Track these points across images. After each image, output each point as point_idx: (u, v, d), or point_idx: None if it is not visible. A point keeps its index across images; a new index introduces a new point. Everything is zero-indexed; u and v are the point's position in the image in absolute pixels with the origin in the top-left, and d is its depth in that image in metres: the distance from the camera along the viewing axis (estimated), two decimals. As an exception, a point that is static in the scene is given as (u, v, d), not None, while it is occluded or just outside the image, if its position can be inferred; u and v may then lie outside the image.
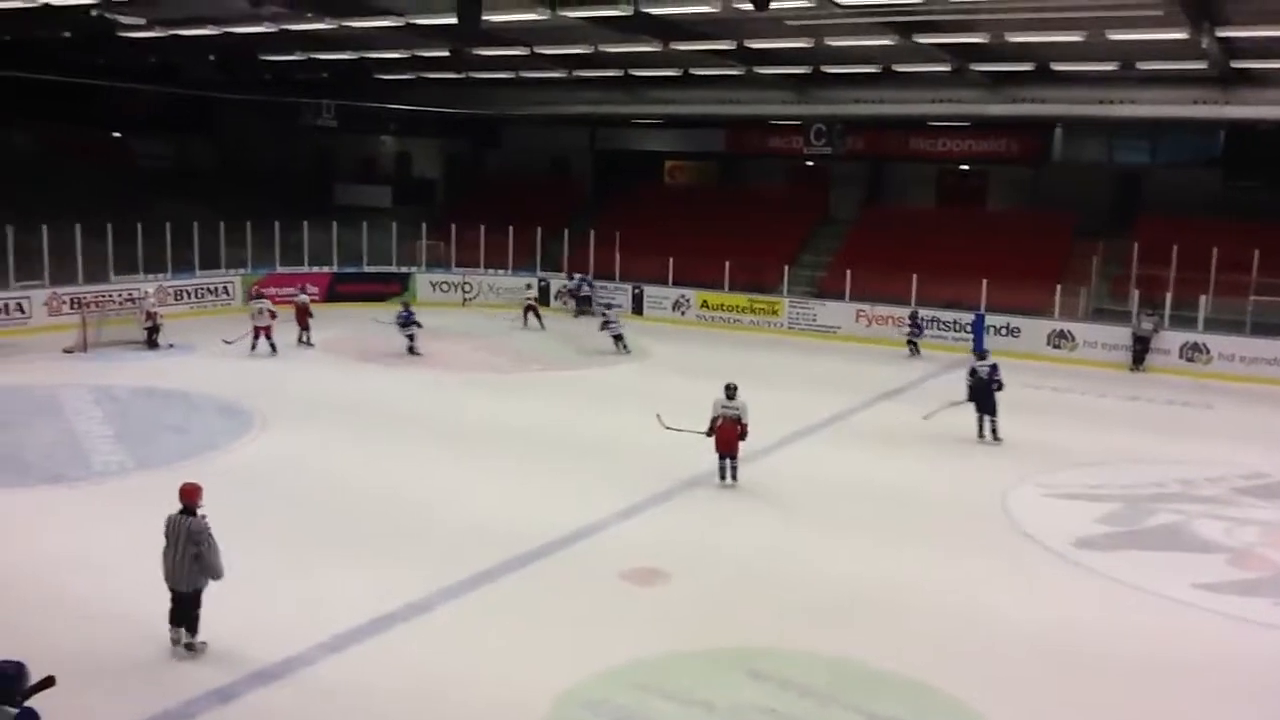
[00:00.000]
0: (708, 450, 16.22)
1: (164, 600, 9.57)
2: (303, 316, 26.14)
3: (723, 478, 15.71)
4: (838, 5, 19.97)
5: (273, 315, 24.85)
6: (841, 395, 22.27)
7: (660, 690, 9.34)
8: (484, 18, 19.87)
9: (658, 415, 17.10)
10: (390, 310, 27.18)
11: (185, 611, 9.57)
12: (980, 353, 19.92)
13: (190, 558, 9.38)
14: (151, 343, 24.91)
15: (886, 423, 20.46)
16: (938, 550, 13.24)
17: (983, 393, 18.70)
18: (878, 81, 29.80)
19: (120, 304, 27.14)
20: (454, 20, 19.83)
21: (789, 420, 19.69)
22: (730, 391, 15.63)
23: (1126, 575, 12.57)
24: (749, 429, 15.50)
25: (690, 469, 16.06)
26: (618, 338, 27.08)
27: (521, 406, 20.72)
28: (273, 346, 24.64)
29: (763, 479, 16.23)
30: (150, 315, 25.27)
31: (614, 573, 11.99)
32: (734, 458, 15.63)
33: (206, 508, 9.68)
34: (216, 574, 9.53)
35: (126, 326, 25.50)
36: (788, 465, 17.11)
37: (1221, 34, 20.94)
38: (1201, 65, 24.41)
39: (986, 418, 18.72)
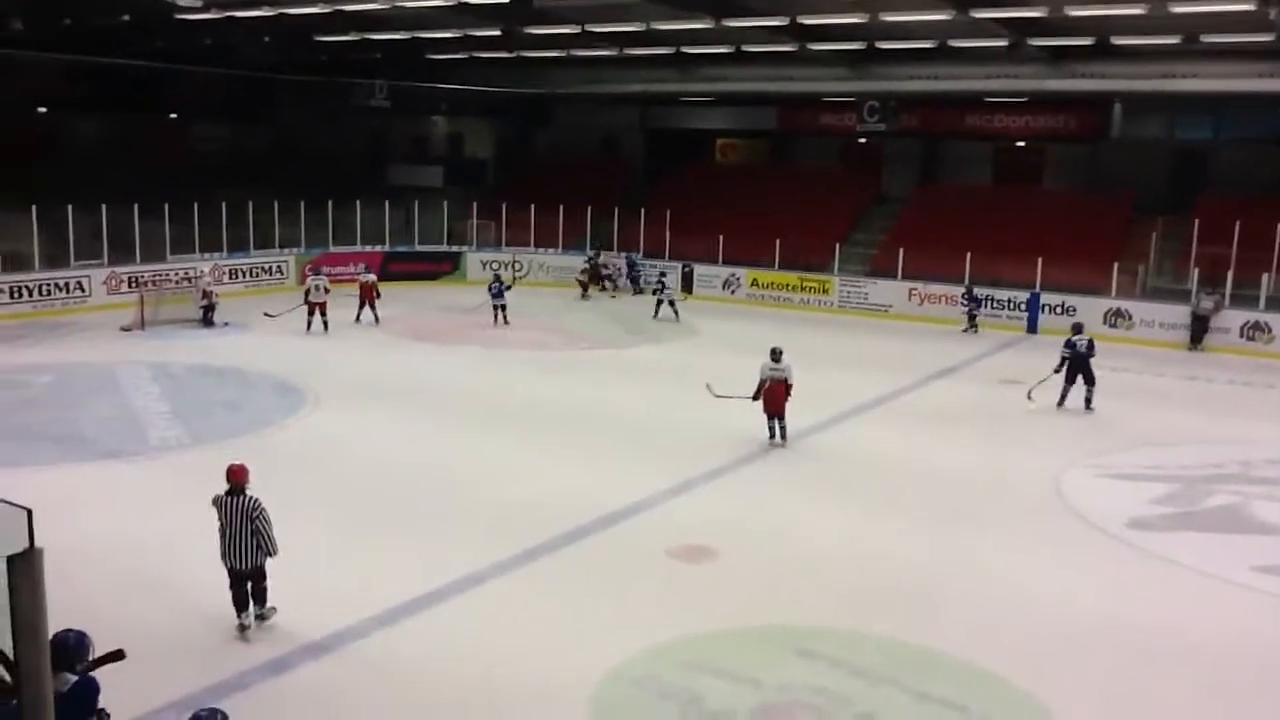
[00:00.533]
0: (758, 428, 16.22)
1: (221, 574, 9.68)
2: (369, 295, 26.46)
3: (771, 437, 16.37)
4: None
5: (327, 291, 25.06)
6: (893, 374, 22.08)
7: (708, 667, 9.34)
8: (536, -4, 19.88)
9: (707, 385, 17.49)
10: (452, 288, 27.47)
11: (247, 589, 9.69)
12: (1077, 326, 20.07)
13: (249, 534, 9.55)
14: (207, 321, 25.28)
15: (939, 402, 20.27)
16: (989, 531, 13.12)
17: (1081, 364, 19.20)
18: (933, 57, 29.37)
19: (177, 283, 27.56)
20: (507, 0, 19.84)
21: (839, 399, 19.59)
22: (776, 355, 16.45)
23: (1182, 557, 12.37)
24: (794, 388, 16.35)
25: (739, 448, 16.06)
26: (671, 303, 28.56)
27: (571, 385, 20.78)
28: (325, 324, 24.88)
29: (812, 458, 16.19)
30: (206, 294, 25.65)
31: (662, 550, 12.01)
32: (782, 418, 16.30)
33: (261, 483, 9.81)
34: (274, 549, 9.69)
35: (183, 305, 25.92)
36: (838, 444, 17.02)
37: (1289, 5, 20.43)
38: (1269, 38, 23.80)
39: (1085, 387, 19.22)
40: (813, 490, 14.59)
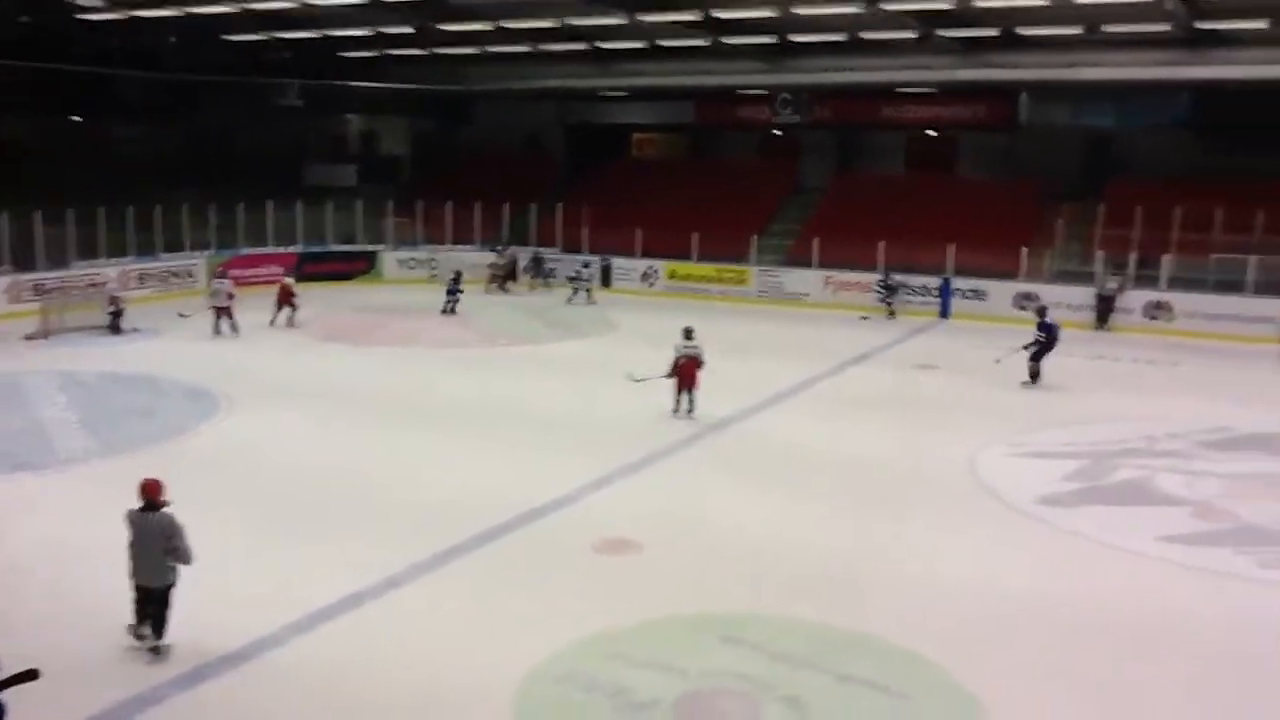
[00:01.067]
0: (678, 420, 16.37)
1: (123, 584, 9.43)
2: (286, 297, 26.09)
3: (676, 410, 17.51)
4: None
5: (230, 296, 24.59)
6: (810, 362, 22.35)
7: (633, 659, 9.37)
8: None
9: (628, 373, 18.01)
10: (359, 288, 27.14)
11: (152, 609, 9.32)
12: (1043, 308, 21.23)
13: (162, 552, 9.20)
14: (115, 327, 24.65)
15: (856, 388, 20.59)
16: (908, 513, 13.34)
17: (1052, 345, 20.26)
18: (846, 49, 29.74)
19: (83, 289, 26.85)
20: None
21: (758, 388, 19.79)
22: (688, 333, 17.78)
23: (1091, 531, 12.72)
24: (704, 364, 17.64)
25: (660, 440, 16.13)
26: (587, 291, 30.20)
27: (489, 381, 20.69)
28: (234, 326, 24.47)
29: (734, 447, 16.32)
30: (113, 300, 25.03)
31: (585, 544, 12.02)
32: (692, 391, 17.52)
33: (175, 490, 9.59)
34: (189, 559, 9.35)
35: (90, 312, 25.24)
36: (759, 432, 17.18)
37: (1185, -6, 21.04)
38: (1167, 27, 24.51)
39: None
40: (735, 479, 14.71)
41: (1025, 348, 20.28)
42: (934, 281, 29.38)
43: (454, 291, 28.55)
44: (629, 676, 9.08)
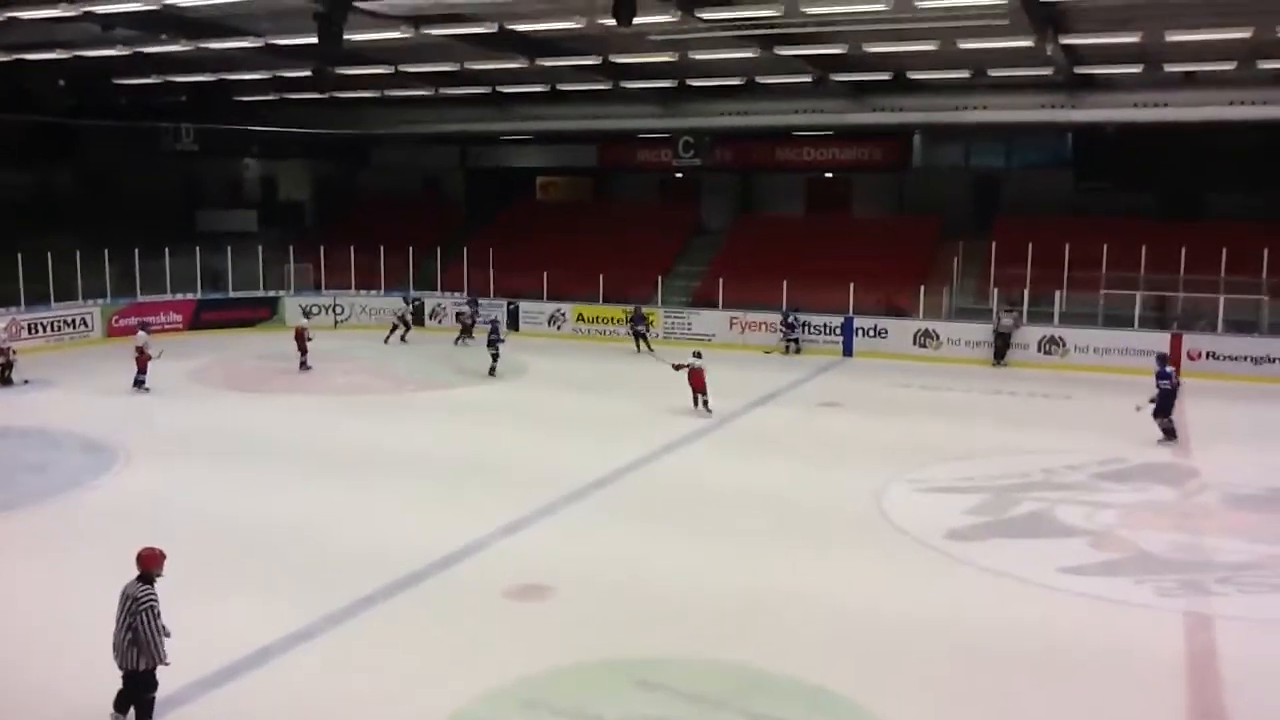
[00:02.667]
0: (587, 463, 16.46)
1: (22, 654, 9.07)
2: (302, 341, 26.46)
3: (695, 405, 21.34)
4: (700, 20, 20.27)
5: (139, 349, 23.68)
6: (718, 401, 22.51)
7: (549, 706, 9.33)
8: (346, 37, 19.62)
9: (671, 363, 22.22)
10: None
11: (132, 695, 8.63)
12: (1163, 356, 20.39)
13: (124, 629, 8.42)
14: (5, 379, 23.83)
15: (763, 427, 20.83)
16: (819, 551, 13.52)
17: (1171, 399, 19.20)
18: (743, 93, 30.34)
19: (-30, 341, 25.88)
20: (315, 40, 19.53)
21: (665, 429, 19.93)
22: (697, 354, 21.93)
23: (996, 563, 13.03)
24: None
25: (570, 484, 16.12)
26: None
27: (398, 428, 20.48)
28: (141, 383, 23.62)
29: (643, 489, 16.39)
30: (3, 351, 24.16)
31: (497, 591, 11.94)
32: (704, 393, 21.36)
33: (70, 547, 9.29)
34: (153, 658, 8.48)
35: (-23, 364, 24.37)
36: (669, 474, 17.27)
37: (1065, 40, 21.90)
38: (1048, 71, 25.50)
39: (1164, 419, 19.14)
40: (645, 521, 14.76)
41: (1151, 401, 19.10)
42: (836, 320, 29.92)
43: (495, 342, 25.97)
44: (547, 724, 9.04)
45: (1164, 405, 19.07)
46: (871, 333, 29.49)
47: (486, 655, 10.35)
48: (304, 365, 26.40)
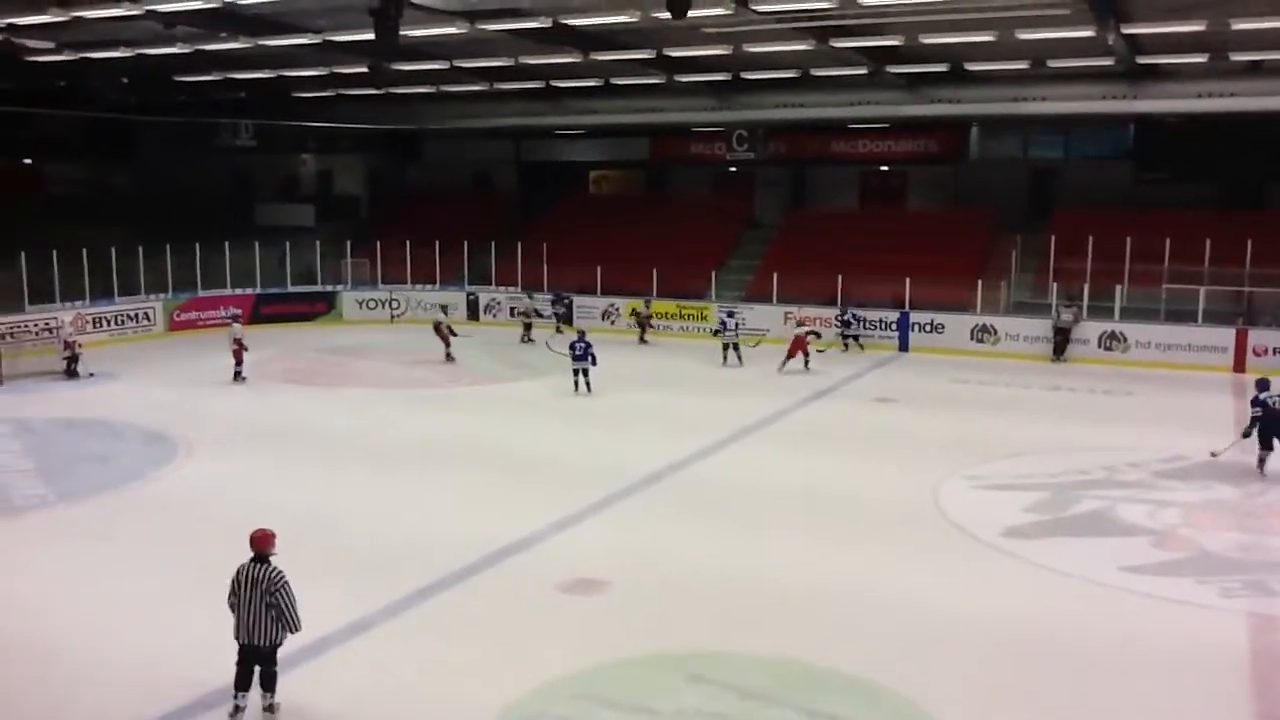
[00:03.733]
0: (641, 458, 16.43)
1: (87, 635, 9.30)
2: (442, 333, 27.14)
3: (806, 368, 24.78)
4: (755, 12, 20.18)
5: (237, 341, 24.04)
6: (772, 397, 22.46)
7: (601, 699, 9.33)
8: (401, 32, 19.77)
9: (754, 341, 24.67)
10: (342, 329, 26.82)
11: (253, 670, 9.00)
12: (1263, 382, 17.02)
13: (263, 609, 8.90)
14: (71, 372, 24.33)
15: (818, 423, 20.70)
16: (874, 547, 13.40)
17: (1274, 424, 16.36)
18: (797, 86, 30.15)
19: (36, 334, 26.46)
20: (371, 36, 19.71)
21: (720, 424, 19.85)
22: (800, 323, 25.48)
23: (1055, 562, 12.82)
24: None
25: (624, 479, 16.12)
26: (735, 346, 26.71)
27: (453, 421, 20.61)
28: (239, 375, 24.02)
29: (696, 484, 16.34)
30: (68, 344, 24.70)
31: (553, 584, 11.96)
32: (806, 355, 25.00)
33: (132, 536, 9.46)
34: (296, 625, 9.10)
35: (44, 357, 24.91)
36: (722, 469, 17.21)
37: (1127, 30, 21.54)
38: (1109, 62, 25.08)
39: (1269, 453, 16.48)
40: (698, 516, 14.71)
41: (1245, 435, 16.65)
42: (891, 315, 29.66)
43: (583, 356, 22.92)
44: (599, 716, 9.04)
45: (1262, 434, 16.46)
46: (928, 328, 29.19)
47: (539, 648, 10.38)
48: (449, 357, 26.74)
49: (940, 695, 9.43)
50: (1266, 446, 16.43)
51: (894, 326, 29.58)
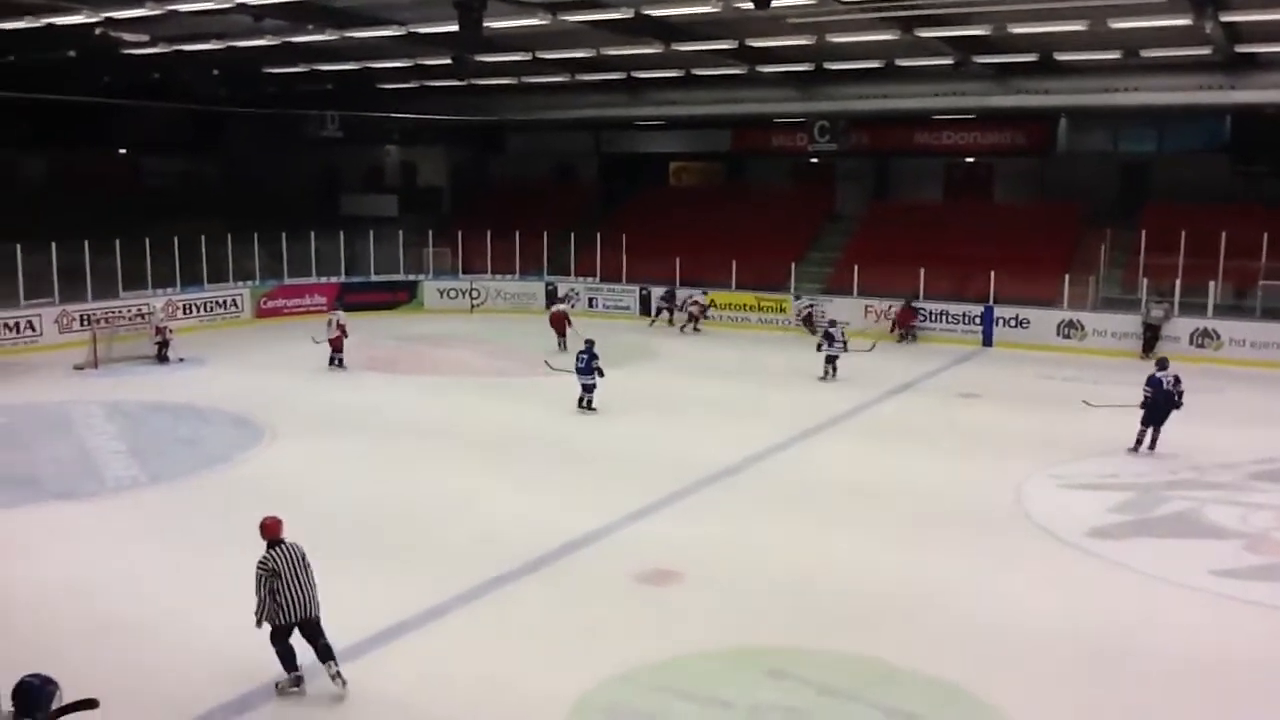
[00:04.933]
0: (718, 450, 16.35)
1: (182, 613, 9.50)
2: (560, 324, 27.16)
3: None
4: (839, 1, 19.96)
5: (340, 328, 24.48)
6: (853, 390, 22.24)
7: (677, 691, 9.33)
8: (485, 24, 19.90)
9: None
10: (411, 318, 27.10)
11: (320, 641, 9.27)
12: (1162, 361, 18.20)
13: (309, 580, 9.28)
14: (162, 357, 24.96)
15: (899, 417, 20.46)
16: (955, 545, 13.20)
17: (1162, 406, 17.15)
18: (881, 76, 29.73)
19: (130, 320, 27.20)
20: (455, 28, 19.88)
21: (800, 418, 19.72)
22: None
23: (1141, 564, 12.52)
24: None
25: (701, 471, 16.08)
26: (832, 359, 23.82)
27: (530, 411, 20.70)
28: (339, 362, 24.46)
29: (777, 477, 16.26)
30: (159, 330, 25.37)
31: (628, 575, 11.98)
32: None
33: (220, 519, 9.69)
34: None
35: (137, 342, 25.58)
36: (801, 462, 17.11)
37: (1225, 18, 20.87)
38: (1206, 51, 24.35)
39: (1153, 429, 17.25)
40: (777, 508, 14.63)
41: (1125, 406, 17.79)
42: (976, 309, 29.18)
43: (586, 370, 20.28)
44: (675, 708, 9.05)
45: (1151, 412, 17.19)
46: (1013, 322, 28.65)
47: (614, 639, 10.41)
48: (562, 347, 26.79)
49: (1018, 697, 9.27)
50: (1148, 424, 17.17)
51: (978, 320, 29.08)
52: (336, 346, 24.50)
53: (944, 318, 29.30)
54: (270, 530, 9.38)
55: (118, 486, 15.43)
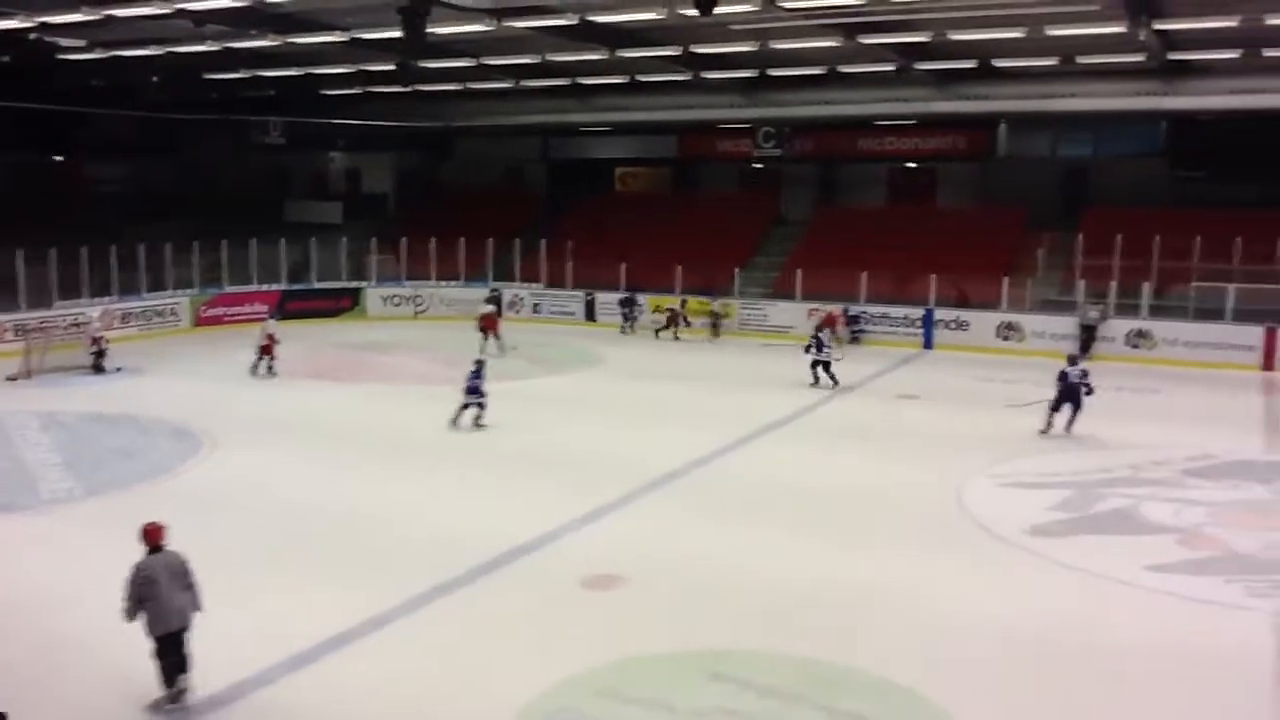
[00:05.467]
0: (663, 455, 16.40)
1: (124, 630, 9.25)
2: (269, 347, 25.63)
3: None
4: (782, 8, 20.11)
5: (269, 336, 24.35)
6: (795, 394, 22.38)
7: (621, 695, 9.33)
8: (429, 30, 19.83)
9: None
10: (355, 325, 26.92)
11: (180, 655, 9.04)
12: (1072, 357, 19.86)
13: (182, 590, 9.03)
14: (98, 367, 24.52)
15: (841, 420, 20.62)
16: (897, 545, 13.33)
17: (1072, 394, 18.85)
18: (824, 83, 30.07)
19: (65, 329, 26.71)
20: (399, 33, 19.78)
21: (743, 421, 19.81)
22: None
23: (1080, 561, 12.72)
24: None
25: (645, 476, 16.10)
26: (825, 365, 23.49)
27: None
28: (268, 368, 24.30)
29: (717, 480, 16.31)
30: (96, 339, 24.91)
31: (573, 580, 11.96)
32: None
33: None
34: (200, 604, 9.22)
35: (72, 352, 25.13)
36: (745, 466, 17.17)
37: (1159, 26, 21.33)
38: (1141, 58, 24.88)
39: (1069, 410, 18.89)
40: (720, 513, 14.68)
41: (1040, 402, 19.65)
42: (916, 312, 29.50)
43: (473, 390, 19.51)
44: (619, 713, 9.04)
45: (1060, 401, 19.00)
46: (953, 325, 29.04)
47: (560, 644, 10.39)
48: (497, 349, 26.85)
49: (962, 695, 9.37)
50: (1056, 409, 18.87)
51: (918, 323, 29.42)
52: (267, 353, 24.32)
53: (884, 320, 29.60)
54: (152, 536, 9.17)
55: (54, 499, 15.09)
